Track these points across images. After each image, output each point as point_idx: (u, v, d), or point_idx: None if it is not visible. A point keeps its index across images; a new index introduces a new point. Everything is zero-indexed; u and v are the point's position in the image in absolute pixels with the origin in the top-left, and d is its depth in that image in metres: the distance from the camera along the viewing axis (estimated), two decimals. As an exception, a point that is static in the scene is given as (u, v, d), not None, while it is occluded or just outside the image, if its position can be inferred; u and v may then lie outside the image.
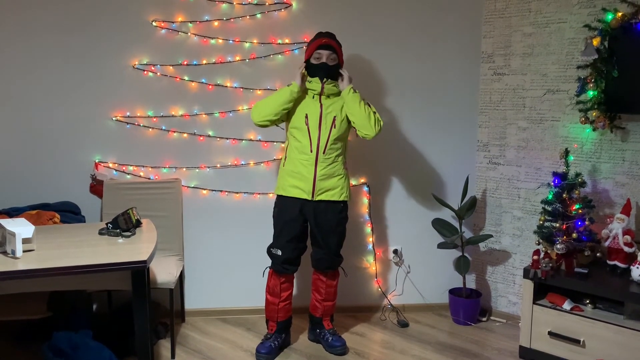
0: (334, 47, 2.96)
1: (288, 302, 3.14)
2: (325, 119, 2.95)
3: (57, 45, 3.34)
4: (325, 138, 2.95)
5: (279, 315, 3.12)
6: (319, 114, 2.95)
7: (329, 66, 2.95)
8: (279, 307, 3.11)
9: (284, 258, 3.03)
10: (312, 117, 2.95)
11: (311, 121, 2.95)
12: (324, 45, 2.94)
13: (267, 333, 3.15)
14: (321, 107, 2.96)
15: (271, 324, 3.15)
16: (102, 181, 3.38)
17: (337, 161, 3.00)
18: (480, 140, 3.65)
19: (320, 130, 2.95)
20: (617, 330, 2.76)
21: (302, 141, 2.97)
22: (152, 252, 2.49)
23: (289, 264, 3.05)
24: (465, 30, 3.55)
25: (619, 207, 3.10)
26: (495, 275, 3.66)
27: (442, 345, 3.28)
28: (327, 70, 2.95)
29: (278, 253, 3.03)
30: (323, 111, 2.95)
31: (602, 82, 3.00)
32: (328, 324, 3.23)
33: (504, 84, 3.51)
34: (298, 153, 2.99)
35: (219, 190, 3.54)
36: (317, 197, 2.98)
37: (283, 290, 3.10)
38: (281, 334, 3.15)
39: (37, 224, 2.94)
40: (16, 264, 2.30)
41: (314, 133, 2.95)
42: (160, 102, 3.44)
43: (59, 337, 2.81)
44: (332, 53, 2.95)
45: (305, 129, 2.95)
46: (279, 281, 3.08)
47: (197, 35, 3.40)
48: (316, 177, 2.96)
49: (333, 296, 3.21)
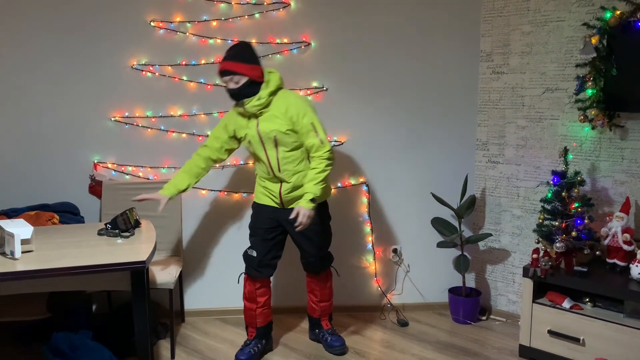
0: (231, 70, 2.74)
1: (266, 307, 3.09)
2: (267, 140, 2.84)
3: (55, 45, 3.34)
4: (274, 158, 2.87)
5: (257, 321, 3.08)
6: (258, 137, 2.85)
7: (236, 90, 2.77)
8: (256, 312, 3.06)
9: (258, 260, 2.98)
10: (254, 141, 2.87)
11: (255, 146, 2.88)
12: (221, 73, 2.79)
13: (247, 339, 3.12)
14: (258, 127, 2.83)
15: (250, 330, 3.11)
16: (101, 181, 3.38)
17: (300, 169, 2.90)
18: (480, 139, 3.65)
19: (266, 152, 2.87)
20: (616, 328, 2.76)
21: (258, 162, 2.96)
22: (152, 252, 2.49)
23: (263, 267, 2.99)
24: (463, 29, 3.55)
25: (618, 205, 3.10)
26: (495, 274, 3.66)
27: (442, 344, 3.28)
28: (236, 95, 2.79)
29: (253, 254, 2.99)
30: (261, 132, 2.83)
31: (600, 80, 2.99)
32: (327, 323, 3.23)
33: (502, 83, 3.51)
34: (261, 171, 2.99)
35: (218, 190, 3.54)
36: (288, 206, 2.94)
37: (259, 296, 3.05)
38: (261, 340, 3.10)
39: (36, 224, 2.94)
40: (15, 265, 2.30)
41: (262, 156, 2.89)
42: (158, 102, 3.44)
43: (58, 337, 2.82)
44: (234, 76, 2.74)
45: (254, 152, 2.92)
46: (254, 286, 3.03)
47: (195, 35, 3.40)
48: (282, 193, 2.93)
49: (328, 297, 3.21)
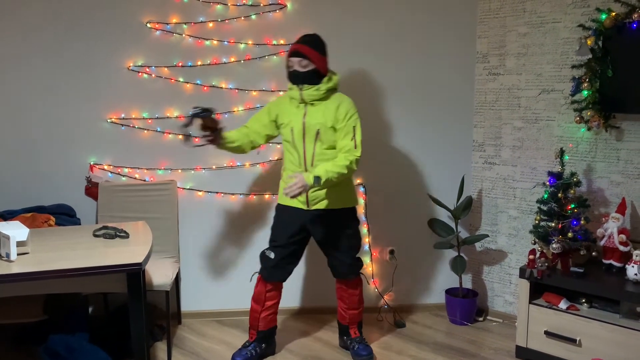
0: (303, 53, 2.82)
1: (272, 312, 3.07)
2: (309, 132, 2.88)
3: (51, 47, 3.33)
4: (311, 152, 2.89)
5: (259, 324, 3.05)
6: (302, 127, 2.88)
7: (300, 73, 2.83)
8: (260, 316, 3.04)
9: (275, 262, 2.96)
10: (296, 130, 2.89)
11: (295, 135, 2.89)
12: (292, 53, 2.85)
13: (247, 340, 3.10)
14: (304, 117, 2.88)
15: (251, 332, 3.08)
16: (98, 183, 3.38)
17: None
18: (476, 140, 3.65)
19: (304, 144, 2.89)
20: (613, 329, 2.77)
21: (292, 153, 2.94)
22: (148, 254, 2.49)
23: (278, 270, 2.98)
24: (460, 31, 3.56)
25: (614, 206, 3.11)
26: (492, 275, 3.67)
27: (439, 346, 3.28)
28: (299, 78, 2.85)
29: (271, 256, 2.97)
30: (306, 123, 2.87)
31: (596, 81, 3.01)
32: (355, 332, 3.15)
33: (499, 84, 3.52)
34: (290, 164, 2.97)
35: (214, 192, 3.53)
36: (313, 207, 2.93)
37: (268, 299, 3.03)
38: (261, 344, 3.08)
39: (31, 226, 2.93)
40: (11, 267, 2.29)
41: (299, 147, 2.90)
42: (155, 104, 3.44)
43: (54, 340, 2.81)
44: (303, 59, 2.82)
45: (291, 142, 2.92)
46: (265, 288, 3.02)
47: (191, 37, 3.40)
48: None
49: (357, 304, 3.13)
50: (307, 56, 2.82)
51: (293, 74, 2.87)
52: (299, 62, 2.82)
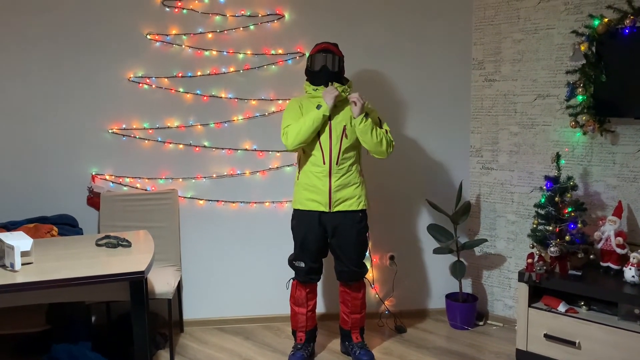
0: (334, 51, 2.94)
1: (314, 311, 3.17)
2: (335, 129, 2.93)
3: (52, 58, 3.37)
4: (337, 149, 2.93)
5: (307, 325, 3.13)
6: (328, 125, 2.93)
7: (331, 72, 2.92)
8: (307, 316, 3.12)
9: (307, 269, 3.04)
10: (322, 128, 2.92)
11: (321, 132, 2.93)
12: (322, 50, 2.93)
13: (297, 343, 3.15)
14: (330, 117, 2.94)
15: (300, 334, 3.15)
16: (99, 193, 3.40)
17: (352, 170, 2.97)
18: (473, 146, 3.68)
19: (331, 141, 2.93)
20: (611, 331, 2.78)
21: (314, 153, 2.96)
22: (150, 262, 2.51)
23: (313, 274, 3.07)
24: (455, 38, 3.60)
25: (610, 209, 3.13)
26: (491, 279, 3.69)
27: (440, 350, 3.29)
28: (330, 76, 2.92)
29: (301, 265, 3.03)
30: (332, 121, 2.93)
31: (590, 86, 3.04)
32: (357, 337, 3.19)
33: (495, 90, 3.55)
34: (311, 166, 2.97)
35: (215, 200, 3.56)
36: (335, 209, 2.96)
37: (309, 299, 3.12)
38: (310, 343, 3.17)
39: (35, 237, 2.95)
40: (15, 277, 2.32)
41: (325, 144, 2.93)
42: (155, 114, 3.47)
43: (58, 349, 2.82)
44: (334, 57, 2.93)
45: (316, 140, 2.93)
46: (304, 291, 3.10)
47: (191, 48, 3.43)
48: (331, 188, 2.94)
49: (360, 309, 3.16)
50: (336, 55, 2.94)
51: (323, 71, 2.92)
52: (331, 59, 2.91)
